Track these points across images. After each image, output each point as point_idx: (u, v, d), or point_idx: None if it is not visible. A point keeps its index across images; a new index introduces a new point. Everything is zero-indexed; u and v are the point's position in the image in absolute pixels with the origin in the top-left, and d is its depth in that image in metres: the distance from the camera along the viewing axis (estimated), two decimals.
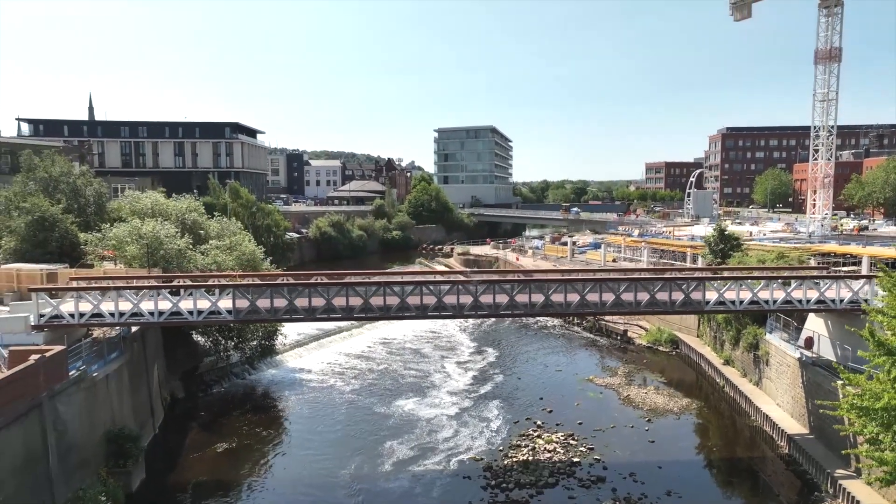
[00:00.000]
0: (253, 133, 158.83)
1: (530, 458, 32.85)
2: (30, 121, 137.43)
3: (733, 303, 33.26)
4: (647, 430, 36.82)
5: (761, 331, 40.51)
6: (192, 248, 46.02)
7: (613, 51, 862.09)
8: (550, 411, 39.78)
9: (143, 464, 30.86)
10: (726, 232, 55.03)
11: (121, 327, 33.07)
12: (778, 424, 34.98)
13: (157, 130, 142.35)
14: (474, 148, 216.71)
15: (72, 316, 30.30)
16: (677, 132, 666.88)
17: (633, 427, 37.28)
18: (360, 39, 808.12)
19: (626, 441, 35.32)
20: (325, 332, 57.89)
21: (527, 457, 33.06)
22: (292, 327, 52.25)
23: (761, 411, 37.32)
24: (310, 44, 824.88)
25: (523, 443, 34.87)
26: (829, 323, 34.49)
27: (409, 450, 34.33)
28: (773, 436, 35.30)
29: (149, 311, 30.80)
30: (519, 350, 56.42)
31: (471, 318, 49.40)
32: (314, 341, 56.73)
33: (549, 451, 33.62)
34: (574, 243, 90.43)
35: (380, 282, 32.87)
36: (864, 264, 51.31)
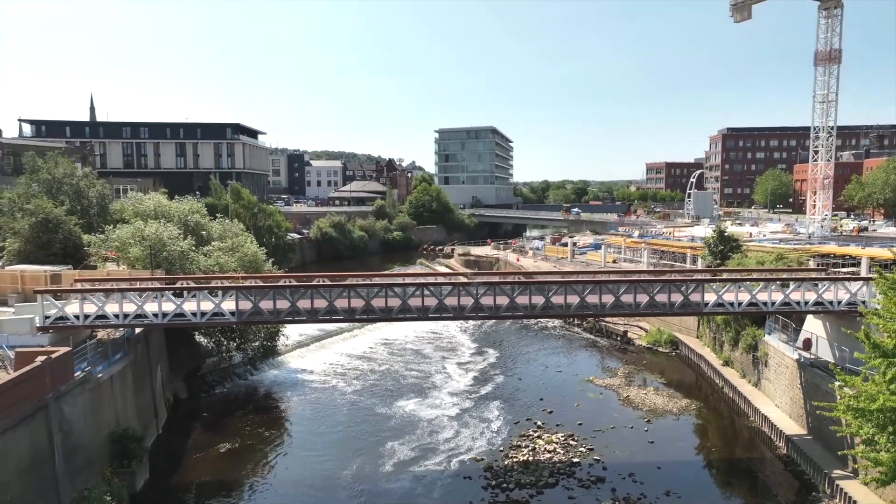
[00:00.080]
0: (254, 134, 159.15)
1: (530, 459, 33.12)
2: (32, 122, 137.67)
3: (732, 304, 33.48)
4: (646, 431, 37.06)
5: (760, 332, 40.74)
6: (195, 249, 46.37)
7: (614, 51, 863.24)
8: (551, 412, 40.04)
9: (147, 464, 31.14)
10: (726, 233, 55.20)
11: (125, 329, 33.36)
12: (776, 425, 35.23)
13: (158, 131, 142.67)
14: (475, 148, 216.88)
15: (77, 317, 30.54)
16: (678, 132, 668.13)
17: (632, 428, 37.54)
18: (361, 39, 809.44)
19: (625, 441, 35.58)
20: (326, 333, 58.16)
21: (527, 457, 33.33)
22: (294, 328, 52.55)
23: (760, 412, 37.57)
24: (310, 44, 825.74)
25: (524, 443, 35.13)
26: (827, 324, 34.73)
27: (411, 450, 34.61)
28: (772, 436, 35.54)
29: (153, 313, 31.07)
30: (519, 351, 56.66)
31: (472, 320, 49.66)
32: (316, 342, 56.98)
33: (550, 452, 33.89)
34: (574, 244, 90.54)
35: (381, 283, 33.11)
36: (864, 265, 51.46)
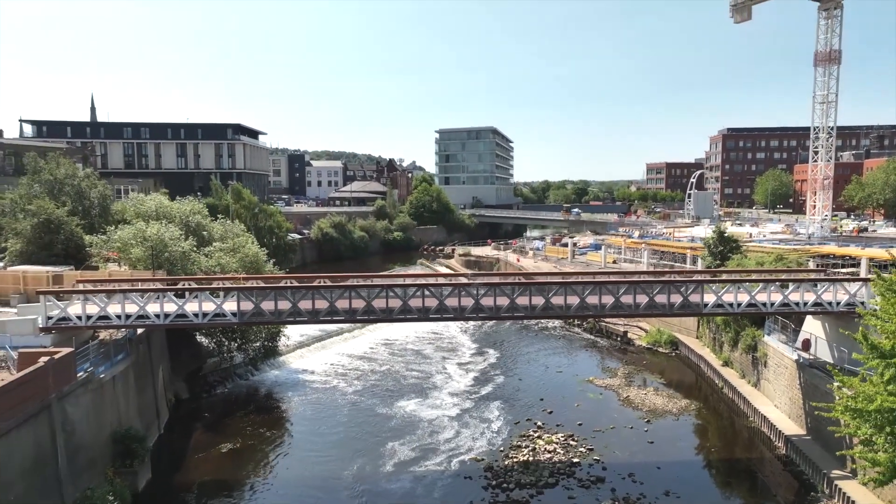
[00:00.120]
0: (255, 134, 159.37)
1: (531, 459, 33.26)
2: (33, 122, 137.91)
3: (731, 305, 33.63)
4: (646, 431, 37.20)
5: (759, 333, 40.86)
6: (196, 250, 46.53)
7: (614, 51, 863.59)
8: (551, 412, 40.18)
9: (149, 464, 31.31)
10: (725, 234, 55.36)
11: (127, 329, 33.52)
12: (775, 425, 35.34)
13: (159, 131, 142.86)
14: (475, 149, 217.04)
15: (79, 318, 30.73)
16: (678, 132, 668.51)
17: (632, 428, 37.67)
18: (361, 39, 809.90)
19: (625, 442, 35.71)
20: (327, 334, 58.29)
21: (527, 457, 33.47)
22: (295, 328, 52.72)
23: (759, 412, 37.69)
24: (310, 44, 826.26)
25: (524, 443, 35.27)
26: (826, 325, 34.85)
27: (411, 450, 34.75)
28: (771, 437, 35.66)
29: (154, 314, 31.25)
30: (519, 351, 56.80)
31: (472, 321, 49.82)
32: (317, 342, 57.12)
33: (550, 452, 34.02)
34: (575, 245, 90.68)
35: (382, 284, 33.28)
36: (863, 266, 51.56)
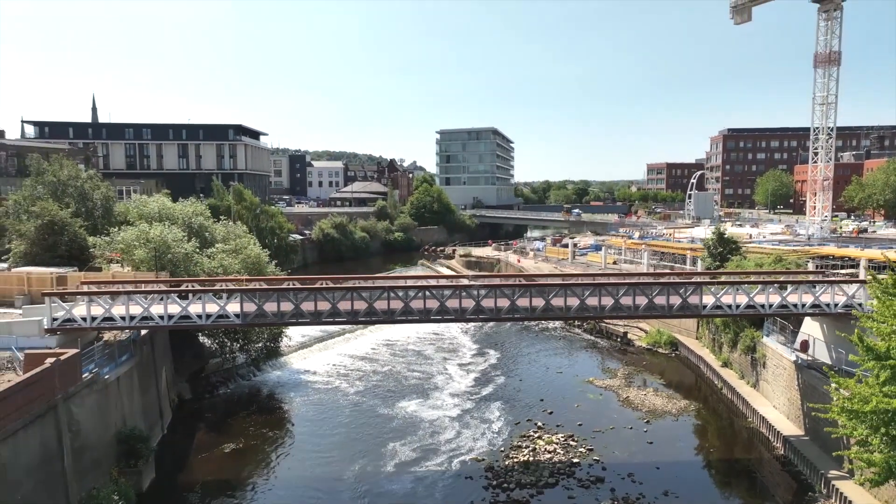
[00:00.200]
0: (256, 135, 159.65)
1: (531, 459, 33.54)
2: (35, 123, 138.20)
3: (730, 307, 33.92)
4: (645, 432, 37.46)
5: (758, 334, 41.11)
6: (199, 251, 46.81)
7: (614, 51, 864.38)
8: (551, 413, 40.45)
9: (153, 464, 31.59)
10: (725, 235, 55.62)
11: (131, 330, 33.82)
12: (774, 426, 35.60)
13: (161, 132, 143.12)
14: (476, 149, 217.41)
15: (84, 319, 31.04)
16: (679, 133, 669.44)
17: (632, 428, 37.94)
18: (362, 39, 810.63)
19: (625, 442, 35.99)
20: (329, 334, 58.56)
21: (527, 457, 33.75)
22: (297, 329, 53.03)
23: (758, 413, 37.94)
24: (311, 44, 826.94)
25: (524, 444, 35.56)
26: (824, 326, 35.11)
27: (412, 451, 35.03)
28: (770, 437, 35.92)
29: (159, 315, 31.56)
30: (520, 352, 57.07)
31: (473, 322, 50.03)
32: (318, 343, 57.39)
33: (550, 452, 34.31)
34: (575, 245, 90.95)
35: (384, 286, 33.56)
36: (862, 268, 51.80)
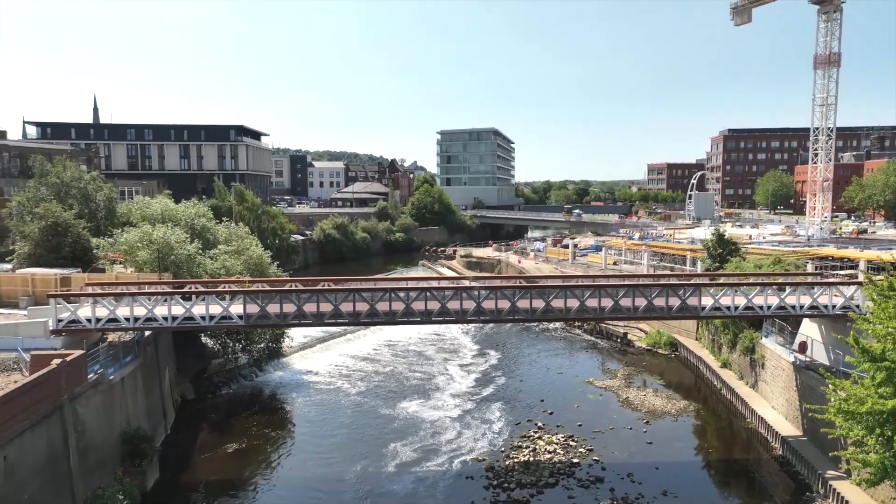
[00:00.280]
0: (257, 135, 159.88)
1: (531, 459, 33.82)
2: (37, 123, 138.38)
3: (729, 308, 34.18)
4: (645, 432, 37.73)
5: (757, 335, 41.36)
6: (202, 253, 47.11)
7: (615, 51, 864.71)
8: (551, 413, 40.73)
9: (157, 464, 31.90)
10: (725, 236, 55.85)
11: (135, 331, 34.11)
12: (772, 426, 35.84)
13: (162, 133, 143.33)
14: (476, 150, 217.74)
15: (89, 321, 31.35)
16: (679, 133, 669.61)
17: (631, 429, 38.21)
18: (362, 39, 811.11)
19: (624, 442, 36.27)
20: (330, 335, 58.84)
21: (528, 457, 34.04)
22: (298, 330, 53.28)
23: (757, 413, 38.20)
24: (312, 44, 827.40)
25: (524, 444, 35.84)
26: (822, 328, 35.38)
27: (414, 451, 35.32)
28: (768, 437, 36.17)
29: (163, 317, 31.87)
30: (520, 353, 57.35)
31: (474, 323, 50.24)
32: (320, 343, 57.68)
33: (550, 452, 34.59)
34: (576, 246, 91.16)
35: (386, 288, 33.87)
36: (861, 268, 52.05)
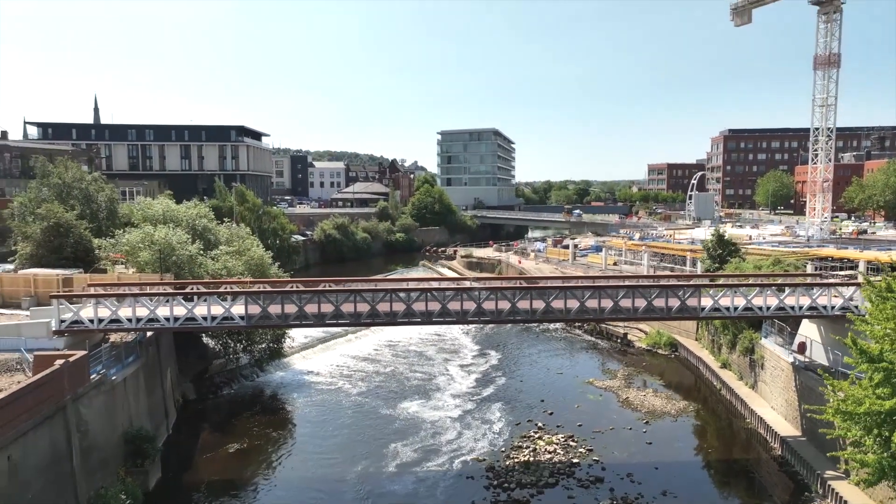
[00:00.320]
0: (258, 136, 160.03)
1: (531, 459, 33.96)
2: (38, 124, 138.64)
3: (728, 309, 34.31)
4: (645, 432, 37.86)
5: (757, 335, 41.48)
6: (203, 253, 47.25)
7: (615, 51, 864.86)
8: (551, 413, 40.87)
9: (159, 464, 32.07)
10: (724, 237, 55.98)
11: (137, 332, 34.26)
12: (772, 427, 35.97)
13: (163, 133, 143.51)
14: (477, 150, 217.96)
15: (91, 321, 31.51)
16: (679, 133, 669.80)
17: (631, 429, 38.35)
18: (363, 40, 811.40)
19: (624, 442, 36.41)
20: (331, 335, 59.00)
21: (528, 457, 34.18)
22: (300, 330, 53.34)
23: (756, 414, 38.33)
24: (312, 44, 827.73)
25: (525, 444, 35.98)
26: (821, 328, 35.50)
27: (414, 451, 35.47)
28: (767, 438, 36.30)
29: (165, 317, 32.03)
30: (521, 353, 57.48)
31: (474, 324, 50.37)
32: (321, 343, 57.83)
33: (550, 452, 34.73)
34: (576, 246, 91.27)
35: (386, 289, 34.02)
36: (861, 269, 52.15)
